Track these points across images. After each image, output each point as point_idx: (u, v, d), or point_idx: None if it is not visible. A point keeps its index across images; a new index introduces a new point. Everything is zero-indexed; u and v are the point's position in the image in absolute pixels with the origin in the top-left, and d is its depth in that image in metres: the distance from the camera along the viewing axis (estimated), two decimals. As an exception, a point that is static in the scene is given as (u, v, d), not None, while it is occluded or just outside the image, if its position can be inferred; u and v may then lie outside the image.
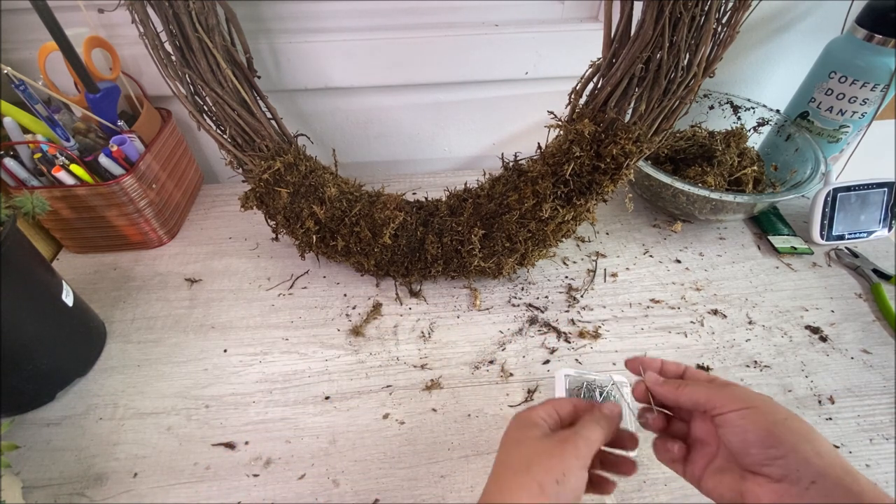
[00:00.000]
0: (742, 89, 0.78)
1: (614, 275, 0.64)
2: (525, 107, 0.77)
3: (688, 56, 0.44)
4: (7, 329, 0.44)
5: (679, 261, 0.65)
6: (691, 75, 0.45)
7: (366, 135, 0.79)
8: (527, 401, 0.50)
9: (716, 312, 0.59)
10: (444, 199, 0.61)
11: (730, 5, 0.42)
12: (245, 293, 0.61)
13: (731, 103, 0.73)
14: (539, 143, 0.54)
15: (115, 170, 0.59)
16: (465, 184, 0.61)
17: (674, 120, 0.49)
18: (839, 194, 0.65)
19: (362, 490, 0.44)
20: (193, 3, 0.47)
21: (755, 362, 0.53)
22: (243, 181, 0.58)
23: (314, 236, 0.57)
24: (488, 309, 0.59)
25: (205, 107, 0.54)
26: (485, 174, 0.59)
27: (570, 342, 0.56)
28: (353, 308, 0.60)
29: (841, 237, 0.66)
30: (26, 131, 0.56)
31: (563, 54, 0.69)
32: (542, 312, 0.59)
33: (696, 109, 0.74)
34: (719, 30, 0.43)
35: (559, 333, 0.56)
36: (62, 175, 0.56)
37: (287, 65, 0.67)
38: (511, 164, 0.56)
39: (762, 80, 0.78)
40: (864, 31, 0.60)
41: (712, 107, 0.74)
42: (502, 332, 0.57)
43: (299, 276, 0.63)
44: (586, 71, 0.49)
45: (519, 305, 0.60)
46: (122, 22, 0.53)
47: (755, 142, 0.73)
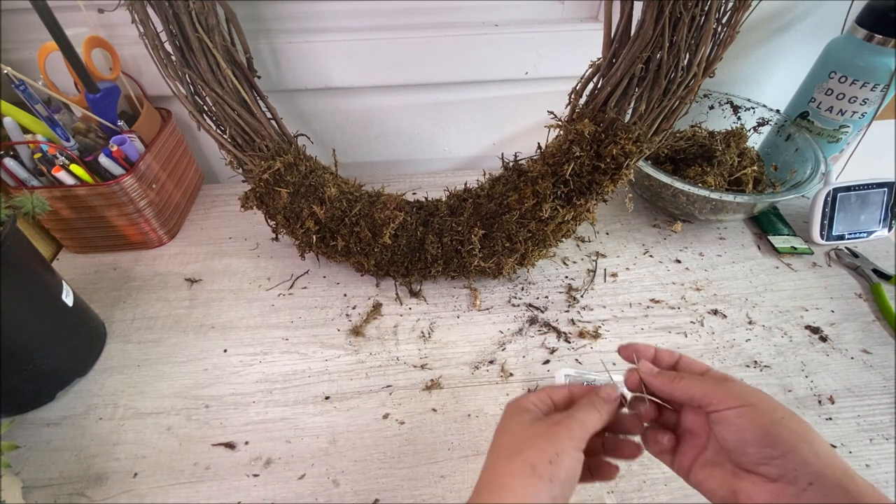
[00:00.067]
0: (742, 89, 0.78)
1: (614, 275, 0.64)
2: (525, 107, 0.77)
3: (688, 56, 0.44)
4: (7, 329, 0.44)
5: (679, 261, 0.65)
6: (691, 75, 0.45)
7: (366, 135, 0.79)
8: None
9: (716, 312, 0.59)
10: (444, 199, 0.61)
11: (730, 5, 0.42)
12: (245, 293, 0.61)
13: (731, 103, 0.73)
14: (539, 143, 0.54)
15: (115, 170, 0.59)
16: (465, 184, 0.61)
17: (674, 120, 0.49)
18: (839, 194, 0.65)
19: (362, 490, 0.44)
20: (193, 3, 0.47)
21: (755, 362, 0.53)
22: (243, 181, 0.58)
23: (314, 236, 0.57)
24: (488, 309, 0.59)
25: (205, 107, 0.54)
26: (485, 174, 0.59)
27: (570, 342, 0.56)
28: (353, 308, 0.60)
29: (841, 237, 0.66)
30: (26, 131, 0.56)
31: (563, 54, 0.69)
32: (542, 312, 0.59)
33: (696, 109, 0.74)
34: (719, 30, 0.43)
35: (559, 333, 0.56)
36: (62, 175, 0.56)
37: (287, 65, 0.67)
38: (511, 164, 0.56)
39: (762, 80, 0.78)
40: (864, 31, 0.60)
41: (712, 107, 0.74)
42: (502, 332, 0.57)
43: (299, 276, 0.63)
44: (586, 71, 0.49)
45: (519, 305, 0.60)
46: (122, 22, 0.53)
47: (755, 142, 0.73)
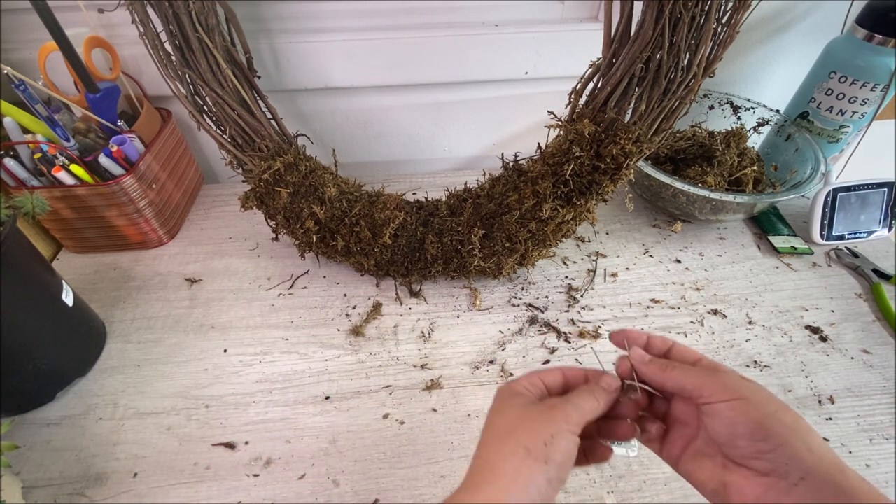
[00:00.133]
0: (742, 89, 0.78)
1: (614, 275, 0.64)
2: (525, 107, 0.77)
3: (688, 56, 0.44)
4: (7, 329, 0.44)
5: (679, 261, 0.65)
6: (691, 75, 0.45)
7: (366, 135, 0.79)
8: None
9: (716, 312, 0.59)
10: (444, 199, 0.61)
11: (730, 5, 0.42)
12: (245, 293, 0.61)
13: (731, 103, 0.73)
14: (539, 143, 0.54)
15: (115, 170, 0.59)
16: (465, 184, 0.61)
17: (674, 120, 0.49)
18: (839, 194, 0.65)
19: (362, 490, 0.44)
20: (193, 3, 0.47)
21: (755, 362, 0.53)
22: (243, 181, 0.58)
23: (314, 236, 0.57)
24: (488, 309, 0.59)
25: (205, 107, 0.54)
26: (485, 174, 0.59)
27: (570, 342, 0.55)
28: (353, 308, 0.60)
29: (841, 237, 0.66)
30: (26, 131, 0.56)
31: (563, 54, 0.69)
32: (542, 312, 0.59)
33: (696, 109, 0.74)
34: (719, 30, 0.43)
35: (559, 333, 0.56)
36: (62, 175, 0.56)
37: (287, 65, 0.67)
38: (511, 164, 0.56)
39: (762, 80, 0.78)
40: (864, 31, 0.60)
41: (712, 107, 0.74)
42: (502, 332, 0.57)
43: (299, 276, 0.63)
44: (586, 71, 0.49)
45: (519, 305, 0.60)
46: (122, 22, 0.53)
47: (755, 142, 0.73)
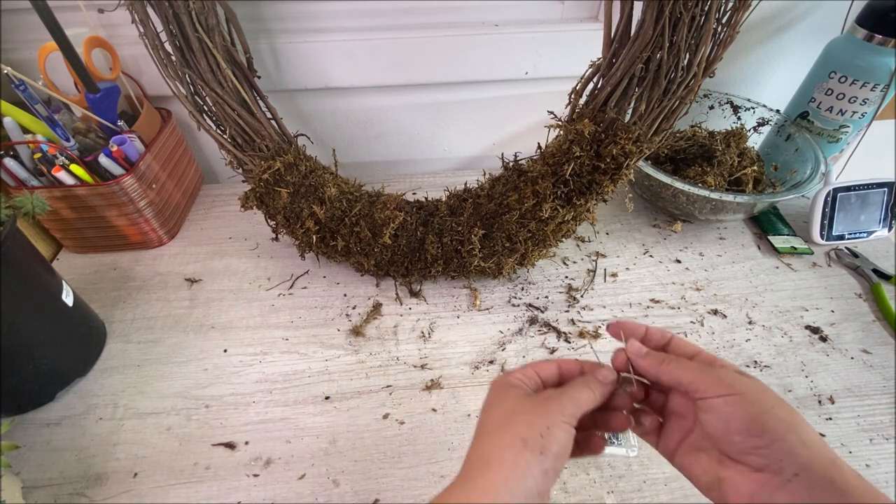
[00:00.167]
0: (742, 89, 0.78)
1: (614, 275, 0.64)
2: (525, 107, 0.77)
3: (688, 56, 0.44)
4: (7, 329, 0.44)
5: (679, 261, 0.65)
6: (691, 75, 0.45)
7: (366, 135, 0.79)
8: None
9: (716, 312, 0.59)
10: (444, 199, 0.61)
11: (730, 5, 0.42)
12: (245, 293, 0.61)
13: (731, 103, 0.73)
14: (539, 143, 0.54)
15: (115, 170, 0.59)
16: (465, 184, 0.61)
17: (674, 120, 0.49)
18: (839, 194, 0.65)
19: (362, 490, 0.44)
20: (193, 3, 0.47)
21: (755, 362, 0.53)
22: (243, 181, 0.58)
23: (314, 236, 0.57)
24: (488, 309, 0.59)
25: (205, 107, 0.54)
26: (485, 174, 0.59)
27: (570, 342, 0.55)
28: (353, 308, 0.60)
29: (841, 237, 0.66)
30: (26, 131, 0.56)
31: (563, 54, 0.69)
32: (542, 312, 0.59)
33: (696, 109, 0.74)
34: (719, 30, 0.43)
35: (559, 333, 0.56)
36: (62, 175, 0.56)
37: (287, 65, 0.67)
38: (511, 164, 0.56)
39: (762, 80, 0.78)
40: (864, 31, 0.60)
41: (712, 107, 0.74)
42: (502, 332, 0.57)
43: (299, 276, 0.63)
44: (586, 71, 0.49)
45: (519, 305, 0.60)
46: (122, 22, 0.53)
47: (755, 142, 0.73)
